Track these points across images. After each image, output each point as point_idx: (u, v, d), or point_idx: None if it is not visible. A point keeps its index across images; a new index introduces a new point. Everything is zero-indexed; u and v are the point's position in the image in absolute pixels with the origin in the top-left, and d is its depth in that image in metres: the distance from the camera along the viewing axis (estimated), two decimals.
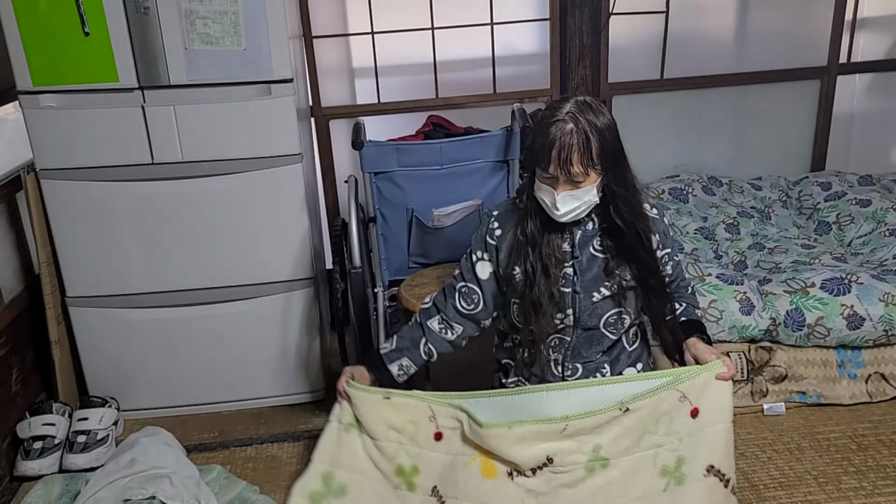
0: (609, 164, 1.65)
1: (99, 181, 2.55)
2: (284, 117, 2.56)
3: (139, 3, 2.38)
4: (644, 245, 1.72)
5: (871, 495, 2.24)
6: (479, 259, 1.81)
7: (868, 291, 2.61)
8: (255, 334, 2.77)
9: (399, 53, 3.36)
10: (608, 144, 1.63)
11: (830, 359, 2.66)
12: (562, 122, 1.61)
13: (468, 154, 2.58)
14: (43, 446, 2.50)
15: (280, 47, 2.47)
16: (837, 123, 3.70)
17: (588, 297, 1.74)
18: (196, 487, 2.19)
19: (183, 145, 2.54)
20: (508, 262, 1.77)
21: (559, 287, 1.73)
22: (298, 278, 2.74)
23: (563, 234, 1.74)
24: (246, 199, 2.62)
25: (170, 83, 2.47)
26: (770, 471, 2.36)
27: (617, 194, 1.68)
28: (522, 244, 1.74)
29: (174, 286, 2.69)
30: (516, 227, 1.76)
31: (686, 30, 3.49)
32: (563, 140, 1.60)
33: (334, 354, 3.00)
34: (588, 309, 1.75)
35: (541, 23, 3.37)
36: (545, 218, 1.71)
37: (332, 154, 3.38)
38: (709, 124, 3.65)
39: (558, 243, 1.73)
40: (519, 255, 1.75)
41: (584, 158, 1.61)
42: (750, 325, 2.62)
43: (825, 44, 3.56)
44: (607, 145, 1.63)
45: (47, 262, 2.65)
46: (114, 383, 2.78)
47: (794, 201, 3.49)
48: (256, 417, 2.82)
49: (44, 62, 2.41)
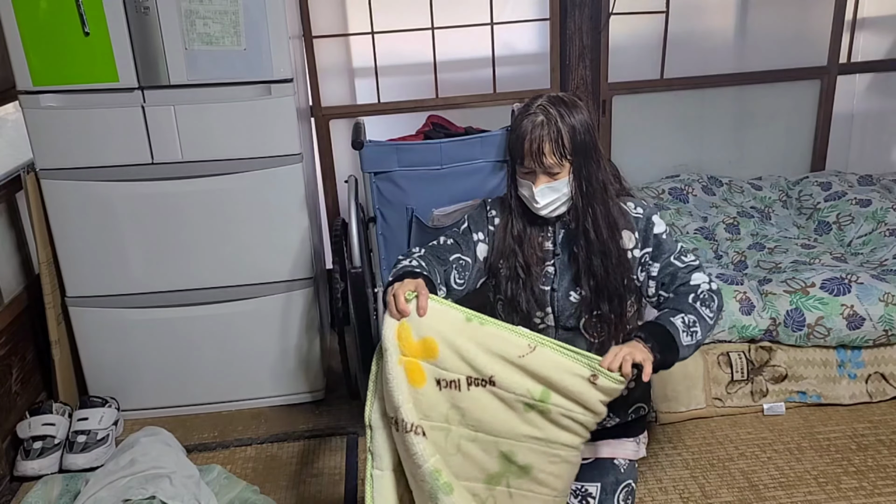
0: (580, 158, 1.66)
1: (99, 181, 2.55)
2: (284, 117, 2.56)
3: (139, 3, 2.38)
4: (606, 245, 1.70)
5: (871, 495, 2.24)
6: (479, 241, 1.80)
7: (868, 291, 2.61)
8: (255, 334, 2.77)
9: (399, 53, 3.36)
10: (579, 136, 1.65)
11: (830, 359, 2.66)
12: (533, 115, 1.65)
13: (468, 154, 2.58)
14: (43, 446, 2.50)
15: (280, 47, 2.47)
16: (837, 123, 3.70)
17: (566, 297, 1.74)
18: (196, 487, 2.19)
19: (183, 145, 2.54)
20: (498, 255, 1.78)
21: (539, 285, 1.74)
22: (298, 278, 2.74)
23: (546, 232, 1.75)
24: (246, 199, 2.62)
25: (170, 83, 2.47)
26: (770, 471, 2.36)
27: (585, 191, 1.68)
28: (510, 243, 1.75)
29: (174, 286, 2.69)
30: (505, 224, 1.77)
31: (686, 30, 3.49)
32: (533, 132, 1.63)
33: (334, 354, 3.00)
34: (567, 309, 1.75)
35: (541, 23, 3.37)
36: (530, 217, 1.74)
37: (332, 154, 3.38)
38: (709, 124, 3.65)
39: (541, 241, 1.75)
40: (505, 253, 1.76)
41: (556, 148, 1.63)
42: (750, 325, 2.62)
43: (825, 44, 3.56)
44: (578, 137, 1.64)
45: (47, 262, 2.65)
46: (114, 383, 2.78)
47: (794, 201, 3.48)
48: (256, 417, 2.82)
49: (44, 62, 2.41)
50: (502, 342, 1.53)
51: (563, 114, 1.64)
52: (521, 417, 1.55)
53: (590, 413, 1.54)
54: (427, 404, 1.55)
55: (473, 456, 1.58)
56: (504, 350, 1.53)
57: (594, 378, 1.50)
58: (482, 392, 1.54)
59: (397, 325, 1.54)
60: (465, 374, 1.54)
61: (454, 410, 1.56)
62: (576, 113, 1.65)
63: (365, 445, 2.55)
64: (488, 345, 1.53)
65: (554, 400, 1.53)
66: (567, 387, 1.51)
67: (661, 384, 2.59)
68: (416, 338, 1.54)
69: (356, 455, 2.54)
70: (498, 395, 1.54)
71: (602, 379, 1.50)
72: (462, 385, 1.54)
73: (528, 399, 1.53)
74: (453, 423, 1.57)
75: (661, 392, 2.60)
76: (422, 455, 1.51)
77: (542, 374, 1.52)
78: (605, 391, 1.52)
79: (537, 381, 1.52)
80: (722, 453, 2.45)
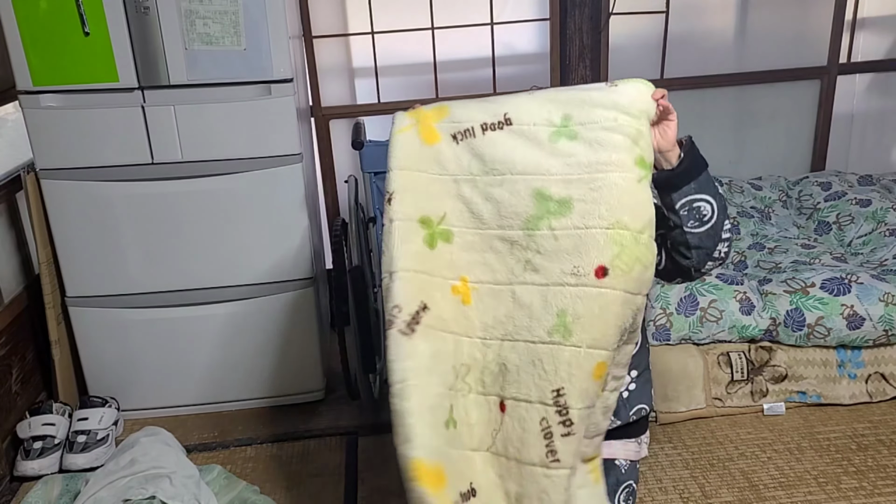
0: None
1: (99, 181, 2.55)
2: (284, 117, 2.56)
3: (139, 3, 2.38)
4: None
5: (871, 495, 2.24)
6: None
7: (868, 291, 2.61)
8: (255, 334, 2.77)
9: (399, 53, 3.36)
10: None
11: (830, 359, 2.66)
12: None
13: None
14: (43, 446, 2.50)
15: (280, 47, 2.47)
16: (837, 123, 3.70)
17: None
18: (196, 487, 2.19)
19: (183, 145, 2.54)
20: None
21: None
22: (298, 278, 2.74)
23: None
24: (246, 199, 2.62)
25: (170, 83, 2.47)
26: (770, 471, 2.36)
27: None
28: None
29: (174, 286, 2.69)
30: None
31: (686, 30, 3.49)
32: None
33: (334, 354, 3.00)
34: None
35: (541, 23, 3.37)
36: None
37: (332, 154, 3.38)
38: (709, 124, 3.65)
39: None
40: None
41: None
42: (750, 325, 2.62)
43: (825, 44, 3.56)
44: None
45: (47, 262, 2.65)
46: (114, 383, 2.78)
47: (794, 201, 3.49)
48: (256, 417, 2.82)
49: (44, 62, 2.41)
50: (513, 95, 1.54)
51: None
52: (547, 149, 1.47)
53: (624, 115, 1.46)
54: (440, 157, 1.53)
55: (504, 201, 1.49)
56: (515, 95, 1.54)
57: (613, 83, 1.48)
58: (499, 134, 1.50)
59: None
60: (479, 120, 1.51)
61: (475, 160, 1.51)
62: None
63: (365, 445, 2.57)
64: (497, 98, 1.54)
65: (578, 118, 1.47)
66: (588, 97, 1.47)
67: (661, 384, 2.59)
68: (429, 107, 1.56)
69: (356, 455, 2.54)
70: (518, 132, 1.49)
71: (622, 83, 1.48)
72: (476, 131, 1.51)
73: (550, 126, 1.48)
74: (476, 171, 1.51)
75: (661, 392, 2.60)
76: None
77: (558, 98, 1.49)
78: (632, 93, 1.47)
79: (556, 105, 1.49)
80: (722, 453, 2.45)
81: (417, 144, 1.54)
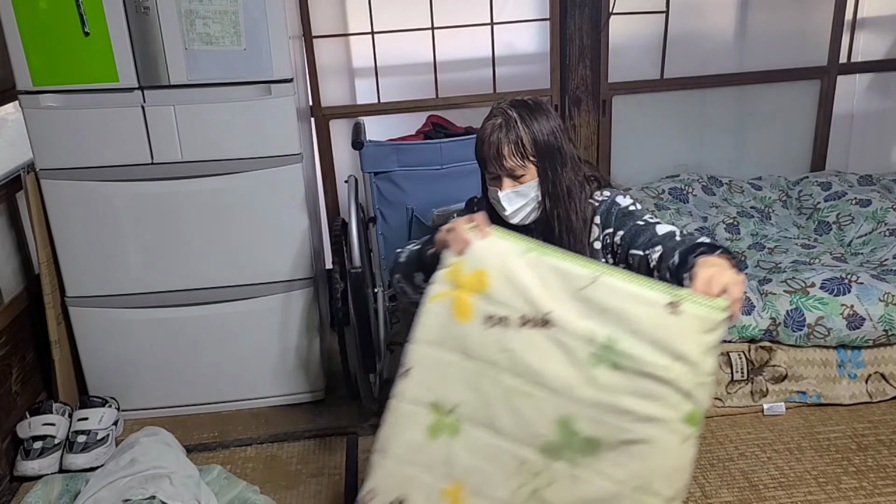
0: (545, 161, 1.65)
1: (99, 181, 2.55)
2: (284, 117, 2.56)
3: (139, 3, 2.38)
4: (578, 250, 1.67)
5: (871, 495, 2.24)
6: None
7: (868, 291, 2.62)
8: (255, 334, 2.77)
9: (399, 53, 3.36)
10: (542, 137, 1.64)
11: (830, 359, 2.66)
12: (493, 119, 1.66)
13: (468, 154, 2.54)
14: (43, 446, 2.50)
15: (280, 47, 2.47)
16: (837, 123, 3.70)
17: None
18: (196, 487, 2.19)
19: (183, 145, 2.54)
20: None
21: None
22: (298, 278, 2.74)
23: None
24: (246, 199, 2.62)
25: (170, 83, 2.46)
26: (770, 471, 2.36)
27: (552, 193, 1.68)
28: None
29: (174, 286, 2.69)
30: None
31: (686, 30, 3.49)
32: (492, 135, 1.64)
33: (334, 354, 3.00)
34: None
35: (541, 23, 3.37)
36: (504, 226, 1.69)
37: (332, 154, 3.38)
38: (709, 124, 3.65)
39: None
40: None
41: (515, 150, 1.63)
42: (750, 325, 2.63)
43: (825, 44, 3.56)
44: (541, 138, 1.63)
45: (47, 262, 2.65)
46: (114, 383, 2.78)
47: (794, 201, 3.49)
48: (256, 417, 2.82)
49: (44, 62, 2.41)
50: (563, 274, 1.33)
51: (524, 116, 1.64)
52: (583, 375, 1.28)
53: (681, 364, 1.22)
54: (467, 340, 1.37)
55: (525, 414, 1.33)
56: (564, 283, 1.32)
57: (675, 306, 1.22)
58: (536, 334, 1.32)
59: (453, 262, 1.40)
60: (518, 310, 1.33)
61: (503, 354, 1.34)
62: (539, 115, 1.65)
63: (365, 446, 2.57)
64: (546, 278, 1.34)
65: (624, 345, 1.26)
66: (639, 320, 1.24)
67: None
68: (469, 270, 1.38)
69: (356, 455, 2.54)
70: (555, 340, 1.31)
71: (688, 305, 1.22)
72: (513, 323, 1.33)
73: (591, 346, 1.28)
74: (502, 367, 1.34)
75: None
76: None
77: (607, 307, 1.27)
78: (697, 328, 1.21)
79: (602, 319, 1.28)
80: (722, 453, 2.45)
81: (447, 319, 1.39)
